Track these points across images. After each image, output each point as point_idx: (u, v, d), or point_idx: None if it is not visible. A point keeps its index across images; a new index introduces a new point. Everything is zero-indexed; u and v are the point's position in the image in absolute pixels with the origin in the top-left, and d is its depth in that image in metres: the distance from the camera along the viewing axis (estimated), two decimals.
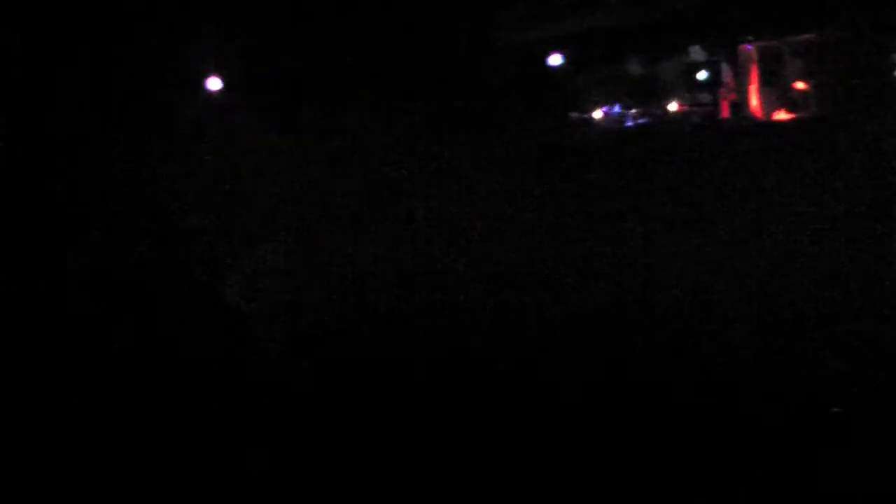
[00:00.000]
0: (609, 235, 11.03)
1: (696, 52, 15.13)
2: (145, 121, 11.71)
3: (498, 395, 7.26)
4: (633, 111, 15.98)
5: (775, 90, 14.90)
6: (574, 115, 16.17)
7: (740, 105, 14.90)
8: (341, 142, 13.01)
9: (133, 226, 10.80)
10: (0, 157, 10.87)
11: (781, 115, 14.35)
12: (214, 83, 13.15)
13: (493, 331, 8.98)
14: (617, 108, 16.14)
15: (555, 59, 15.72)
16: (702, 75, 15.02)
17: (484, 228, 11.46)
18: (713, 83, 14.97)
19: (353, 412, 7.11)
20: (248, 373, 7.85)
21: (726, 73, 14.97)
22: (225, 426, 6.45)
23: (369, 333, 9.19)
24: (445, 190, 12.32)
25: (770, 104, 14.81)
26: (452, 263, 10.42)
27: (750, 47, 15.11)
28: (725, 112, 14.90)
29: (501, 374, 7.86)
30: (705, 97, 15.00)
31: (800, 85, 14.69)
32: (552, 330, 8.79)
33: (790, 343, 7.95)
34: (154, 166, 11.55)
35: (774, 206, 11.32)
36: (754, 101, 14.98)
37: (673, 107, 15.67)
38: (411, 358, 8.37)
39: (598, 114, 16.09)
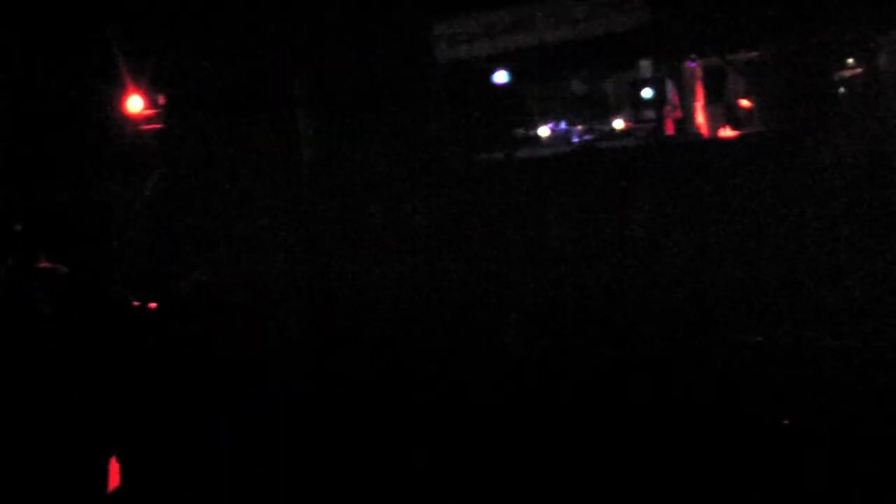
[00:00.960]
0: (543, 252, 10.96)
1: (642, 70, 15.19)
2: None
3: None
4: (579, 128, 16.03)
5: (720, 107, 15.01)
6: (520, 131, 16.17)
7: (685, 122, 14.98)
8: (285, 155, 12.88)
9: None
10: None
11: (726, 132, 14.42)
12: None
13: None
14: (563, 125, 16.17)
15: (500, 76, 15.70)
16: (647, 93, 15.06)
17: (419, 242, 11.36)
18: (658, 100, 15.01)
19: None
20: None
21: (671, 90, 15.04)
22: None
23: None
24: (385, 203, 12.23)
25: (715, 121, 14.90)
26: (385, 274, 10.29)
27: (694, 65, 15.20)
28: (670, 129, 14.96)
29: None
30: (650, 114, 15.05)
31: (744, 102, 14.80)
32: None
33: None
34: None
35: (721, 220, 11.33)
36: (699, 118, 15.07)
37: (619, 123, 15.72)
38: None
39: (544, 130, 16.11)
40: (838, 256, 9.32)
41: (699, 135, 14.82)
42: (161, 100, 12.48)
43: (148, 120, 12.17)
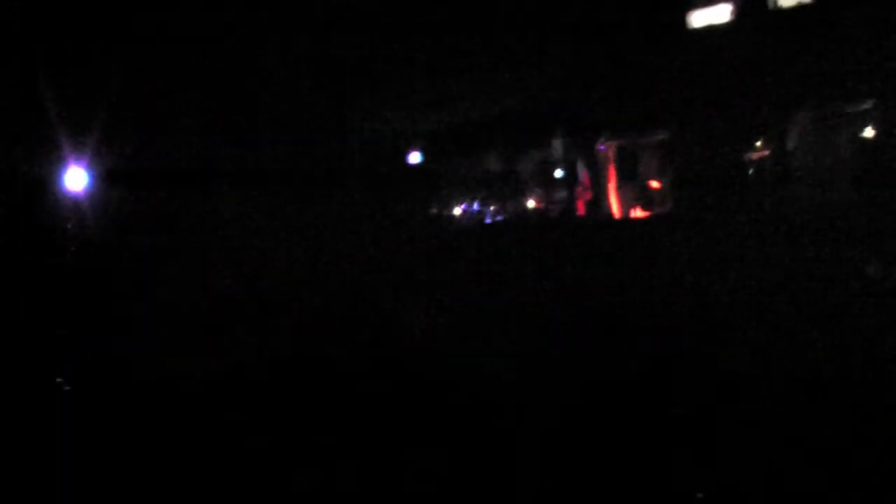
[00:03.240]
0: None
1: (553, 150, 15.32)
2: None
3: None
4: (492, 207, 16.02)
5: (632, 187, 15.16)
6: (433, 210, 16.09)
7: (597, 202, 15.07)
8: (208, 236, 12.76)
9: None
10: None
11: (638, 213, 14.54)
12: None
13: None
14: (476, 205, 16.15)
15: (414, 157, 15.67)
16: (558, 173, 15.17)
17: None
18: (570, 181, 15.13)
19: None
20: None
21: (582, 171, 15.17)
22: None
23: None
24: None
25: (626, 202, 15.03)
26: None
27: (604, 147, 15.37)
28: (582, 209, 15.03)
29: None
30: (562, 194, 15.13)
31: (654, 183, 14.97)
32: None
33: None
34: None
35: (628, 301, 11.32)
36: (611, 199, 15.18)
37: (530, 203, 15.76)
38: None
39: (456, 210, 16.07)
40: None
41: (611, 215, 14.92)
42: None
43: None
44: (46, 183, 12.07)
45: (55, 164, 12.19)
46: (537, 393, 7.53)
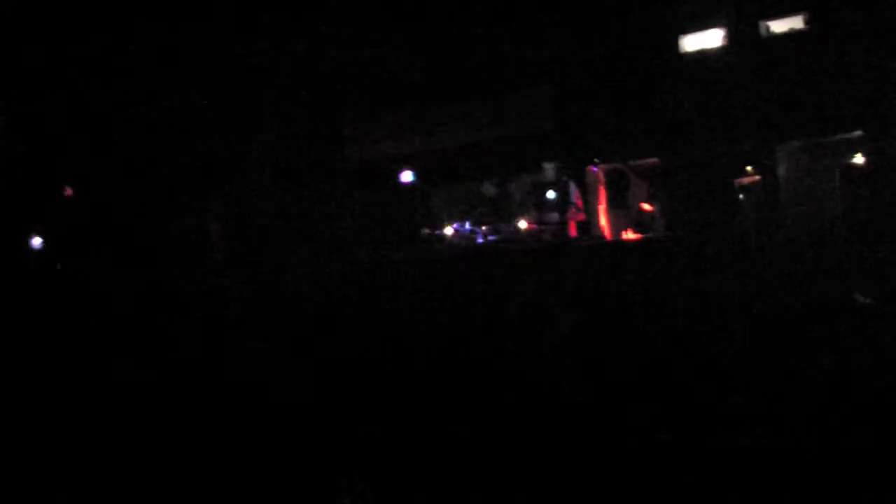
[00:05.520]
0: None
1: (545, 173, 15.37)
2: None
3: None
4: (484, 228, 16.06)
5: (623, 211, 15.23)
6: (425, 231, 16.15)
7: (589, 225, 15.13)
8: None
9: None
10: None
11: (629, 235, 14.60)
12: None
13: None
14: (468, 226, 16.20)
15: (406, 175, 15.72)
16: (551, 194, 15.23)
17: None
18: (562, 203, 15.18)
19: None
20: None
21: (574, 193, 15.22)
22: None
23: None
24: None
25: (618, 224, 15.10)
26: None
27: (597, 169, 15.45)
28: (573, 231, 15.08)
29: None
30: (554, 216, 15.18)
31: (646, 206, 15.04)
32: None
33: None
34: None
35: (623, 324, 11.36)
36: (602, 221, 15.25)
37: (522, 225, 15.81)
38: None
39: (448, 230, 16.11)
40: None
41: (602, 237, 14.97)
42: None
43: None
44: None
45: None
46: None
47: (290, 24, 12.98)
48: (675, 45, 14.12)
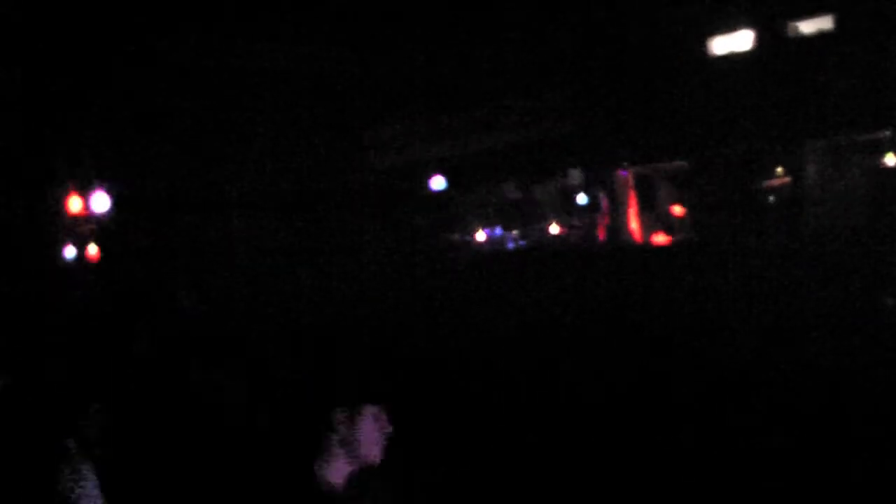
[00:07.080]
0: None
1: (571, 177, 15.41)
2: None
3: None
4: (514, 233, 16.13)
5: (652, 214, 15.23)
6: (456, 236, 16.23)
7: (618, 228, 15.15)
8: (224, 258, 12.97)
9: None
10: None
11: (659, 238, 14.61)
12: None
13: None
14: (498, 230, 16.28)
15: (437, 182, 15.78)
16: (581, 198, 15.28)
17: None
18: (592, 207, 15.22)
19: None
20: None
21: (604, 197, 15.25)
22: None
23: None
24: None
25: (647, 228, 15.10)
26: None
27: (626, 173, 15.46)
28: (603, 235, 15.11)
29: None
30: (584, 220, 15.23)
31: (676, 209, 15.04)
32: None
33: None
34: None
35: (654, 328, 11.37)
36: (632, 225, 15.26)
37: (553, 229, 15.87)
38: None
39: (480, 235, 16.18)
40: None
41: (632, 240, 14.99)
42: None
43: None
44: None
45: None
46: None
47: (308, 31, 13.10)
48: (703, 46, 14.10)
